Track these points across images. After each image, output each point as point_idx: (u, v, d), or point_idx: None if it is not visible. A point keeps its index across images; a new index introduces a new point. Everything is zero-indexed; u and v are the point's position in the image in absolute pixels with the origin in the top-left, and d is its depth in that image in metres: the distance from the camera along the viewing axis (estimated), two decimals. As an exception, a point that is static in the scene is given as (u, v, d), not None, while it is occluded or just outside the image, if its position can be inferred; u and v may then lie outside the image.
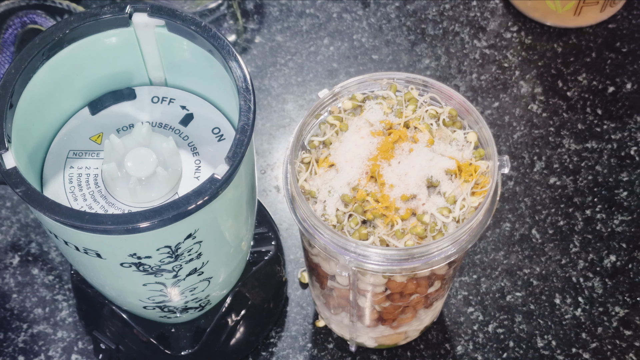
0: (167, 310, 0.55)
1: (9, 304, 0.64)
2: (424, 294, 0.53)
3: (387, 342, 0.61)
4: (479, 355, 0.62)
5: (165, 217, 0.44)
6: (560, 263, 0.65)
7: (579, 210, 0.67)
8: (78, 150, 0.51)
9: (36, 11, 0.70)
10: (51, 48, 0.48)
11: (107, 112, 0.53)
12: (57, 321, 0.64)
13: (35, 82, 0.48)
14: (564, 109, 0.71)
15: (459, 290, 0.64)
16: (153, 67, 0.53)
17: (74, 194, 0.50)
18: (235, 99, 0.48)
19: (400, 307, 0.54)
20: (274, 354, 0.63)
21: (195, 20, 0.49)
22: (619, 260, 0.65)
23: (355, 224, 0.49)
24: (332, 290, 0.55)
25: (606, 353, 0.62)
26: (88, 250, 0.46)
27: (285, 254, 0.65)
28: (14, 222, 0.67)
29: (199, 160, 0.51)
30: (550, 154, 0.69)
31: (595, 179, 0.68)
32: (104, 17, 0.49)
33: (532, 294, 0.64)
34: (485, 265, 0.65)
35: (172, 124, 0.52)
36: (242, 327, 0.60)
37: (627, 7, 0.76)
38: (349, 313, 0.56)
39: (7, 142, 0.45)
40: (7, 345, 0.63)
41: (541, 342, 0.63)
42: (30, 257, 0.66)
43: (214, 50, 0.48)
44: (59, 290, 0.65)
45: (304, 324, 0.64)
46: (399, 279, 0.50)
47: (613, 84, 0.72)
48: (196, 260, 0.49)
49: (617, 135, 0.70)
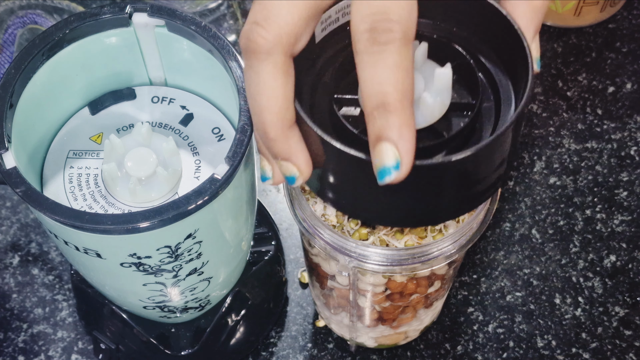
0: (167, 310, 0.55)
1: (9, 304, 0.64)
2: (424, 294, 0.53)
3: (387, 342, 0.61)
4: (479, 355, 0.62)
5: (165, 217, 0.44)
6: (560, 263, 0.65)
7: (579, 210, 0.67)
8: (78, 150, 0.51)
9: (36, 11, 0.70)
10: (51, 48, 0.48)
11: (107, 112, 0.53)
12: (57, 321, 0.64)
13: (35, 82, 0.48)
14: (564, 109, 0.71)
15: (459, 290, 0.64)
16: (153, 67, 0.53)
17: (74, 194, 0.50)
18: (235, 99, 0.48)
19: (400, 307, 0.54)
20: (274, 354, 0.63)
21: (195, 20, 0.49)
22: (619, 260, 0.65)
23: (355, 224, 0.49)
24: (332, 290, 0.55)
25: (606, 353, 0.62)
26: (88, 250, 0.46)
27: (285, 254, 0.65)
28: (14, 222, 0.67)
29: (199, 160, 0.51)
30: (550, 154, 0.69)
31: (595, 179, 0.68)
32: (104, 17, 0.49)
33: (532, 294, 0.64)
34: (485, 265, 0.65)
35: (172, 124, 0.52)
36: (242, 327, 0.60)
37: (627, 7, 0.76)
38: (349, 313, 0.56)
39: (7, 142, 0.45)
40: (7, 345, 0.63)
41: (541, 342, 0.63)
42: (30, 257, 0.66)
43: (214, 50, 0.48)
44: (59, 290, 0.65)
45: (304, 324, 0.64)
46: (399, 279, 0.50)
47: (613, 84, 0.72)
48: (196, 260, 0.49)
49: (617, 135, 0.70)
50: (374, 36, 0.36)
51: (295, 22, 0.38)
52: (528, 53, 0.40)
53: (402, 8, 0.36)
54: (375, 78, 0.36)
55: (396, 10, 0.36)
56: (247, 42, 0.38)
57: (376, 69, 0.36)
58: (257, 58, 0.38)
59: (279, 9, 0.38)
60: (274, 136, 0.39)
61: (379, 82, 0.36)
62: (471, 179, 0.40)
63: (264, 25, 0.37)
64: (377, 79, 0.36)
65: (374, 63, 0.36)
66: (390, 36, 0.36)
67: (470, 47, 0.43)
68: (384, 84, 0.36)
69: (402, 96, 0.36)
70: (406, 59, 0.36)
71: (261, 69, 0.38)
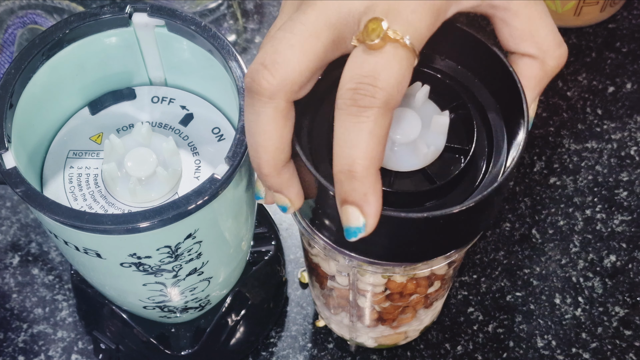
0: (167, 310, 0.55)
1: (9, 304, 0.64)
2: (423, 294, 0.53)
3: (387, 342, 0.61)
4: (479, 355, 0.62)
5: (165, 217, 0.44)
6: (560, 263, 0.65)
7: (579, 210, 0.67)
8: (78, 150, 0.51)
9: (36, 11, 0.70)
10: (51, 48, 0.48)
11: (107, 112, 0.53)
12: (57, 321, 0.64)
13: (35, 82, 0.48)
14: (564, 109, 0.71)
15: (459, 290, 0.64)
16: (153, 67, 0.53)
17: (74, 194, 0.50)
18: (235, 99, 0.48)
19: (400, 307, 0.54)
20: (274, 354, 0.63)
21: (195, 20, 0.49)
22: (619, 260, 0.65)
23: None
24: (332, 290, 0.55)
25: (606, 353, 0.62)
26: (88, 250, 0.46)
27: (285, 254, 0.65)
28: (14, 222, 0.67)
29: (199, 160, 0.51)
30: (550, 154, 0.69)
31: (595, 179, 0.68)
32: (103, 17, 0.49)
33: (532, 294, 0.64)
34: (485, 265, 0.65)
35: (172, 124, 0.52)
36: (242, 327, 0.60)
37: (627, 7, 0.76)
38: (349, 313, 0.56)
39: (7, 142, 0.45)
40: (7, 345, 0.63)
41: (541, 342, 0.63)
42: (30, 257, 0.66)
43: (214, 50, 0.48)
44: (59, 290, 0.65)
45: (304, 324, 0.64)
46: (399, 279, 0.50)
47: (613, 84, 0.72)
48: (196, 260, 0.49)
49: (617, 135, 0.70)
50: (356, 97, 0.36)
51: (303, 71, 0.38)
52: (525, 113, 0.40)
53: (391, 76, 0.36)
54: (347, 141, 0.37)
55: (385, 77, 0.36)
56: (252, 82, 0.38)
57: (350, 131, 0.37)
58: (259, 100, 0.38)
59: (289, 57, 0.38)
60: (267, 173, 0.40)
61: (350, 145, 0.36)
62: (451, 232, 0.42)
63: (271, 70, 0.38)
64: (349, 142, 0.37)
65: (349, 125, 0.36)
66: (371, 102, 0.36)
67: (470, 86, 0.43)
68: (354, 149, 0.36)
69: (370, 164, 0.37)
70: (381, 127, 0.37)
71: (262, 111, 0.39)
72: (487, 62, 0.42)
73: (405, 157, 0.42)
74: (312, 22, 0.38)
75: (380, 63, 0.37)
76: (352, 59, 0.37)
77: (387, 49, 0.37)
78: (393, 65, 0.37)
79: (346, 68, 0.37)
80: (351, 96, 0.36)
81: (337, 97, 0.37)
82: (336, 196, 0.38)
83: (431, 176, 0.41)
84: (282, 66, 0.38)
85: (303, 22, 0.38)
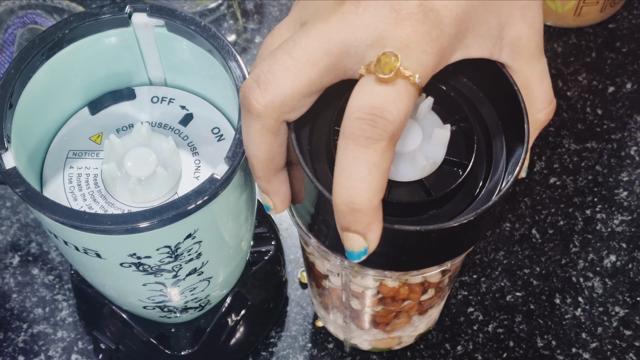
0: (167, 310, 0.55)
1: (9, 304, 0.64)
2: (416, 301, 0.52)
3: (380, 346, 0.61)
4: (479, 355, 0.62)
5: (165, 217, 0.44)
6: (560, 263, 0.65)
7: (579, 210, 0.67)
8: (78, 150, 0.51)
9: (36, 11, 0.70)
10: (51, 48, 0.49)
11: (107, 112, 0.53)
12: (57, 321, 0.64)
13: (35, 82, 0.48)
14: (564, 109, 0.71)
15: (459, 290, 0.64)
16: (153, 67, 0.53)
17: (73, 194, 0.50)
18: (235, 99, 0.48)
19: (393, 312, 0.54)
20: (274, 354, 0.63)
21: (195, 20, 0.49)
22: (619, 260, 0.65)
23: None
24: (327, 290, 0.55)
25: (606, 353, 0.62)
26: (88, 250, 0.46)
27: (285, 254, 0.65)
28: (14, 222, 0.67)
29: (199, 160, 0.51)
30: (550, 154, 0.69)
31: (595, 179, 0.68)
32: (103, 17, 0.49)
33: (532, 294, 0.64)
34: (485, 265, 0.65)
35: (171, 123, 0.52)
36: (242, 327, 0.60)
37: (627, 7, 0.76)
38: (343, 314, 0.56)
39: (6, 142, 0.45)
40: (7, 345, 0.63)
41: (541, 342, 0.63)
42: (30, 257, 0.66)
43: (214, 50, 0.48)
44: (59, 290, 0.65)
45: (304, 324, 0.64)
46: (391, 283, 0.50)
47: (613, 84, 0.72)
48: (196, 260, 0.49)
49: (617, 135, 0.70)
50: (365, 128, 0.36)
51: (293, 95, 0.38)
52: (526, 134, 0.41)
53: (400, 110, 0.36)
54: (352, 172, 0.37)
55: (394, 111, 0.36)
56: (243, 98, 0.39)
57: (355, 161, 0.36)
58: (249, 115, 0.39)
59: (282, 80, 0.38)
60: (258, 176, 0.42)
61: (355, 177, 0.36)
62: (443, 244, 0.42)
63: (262, 89, 0.38)
64: (354, 174, 0.36)
65: (356, 154, 0.36)
66: (381, 134, 0.36)
67: (474, 100, 0.44)
68: (358, 180, 0.36)
69: (374, 196, 0.37)
70: (386, 160, 0.37)
71: (251, 125, 0.39)
72: (493, 79, 0.42)
73: (403, 167, 0.42)
74: (312, 50, 0.38)
75: (392, 96, 0.36)
76: (362, 89, 0.37)
77: (399, 83, 0.37)
78: (404, 100, 0.37)
79: (355, 96, 0.37)
80: (360, 126, 0.36)
81: (344, 125, 0.37)
82: (337, 224, 0.38)
83: (428, 188, 0.42)
84: (273, 88, 0.38)
85: (303, 47, 0.38)
